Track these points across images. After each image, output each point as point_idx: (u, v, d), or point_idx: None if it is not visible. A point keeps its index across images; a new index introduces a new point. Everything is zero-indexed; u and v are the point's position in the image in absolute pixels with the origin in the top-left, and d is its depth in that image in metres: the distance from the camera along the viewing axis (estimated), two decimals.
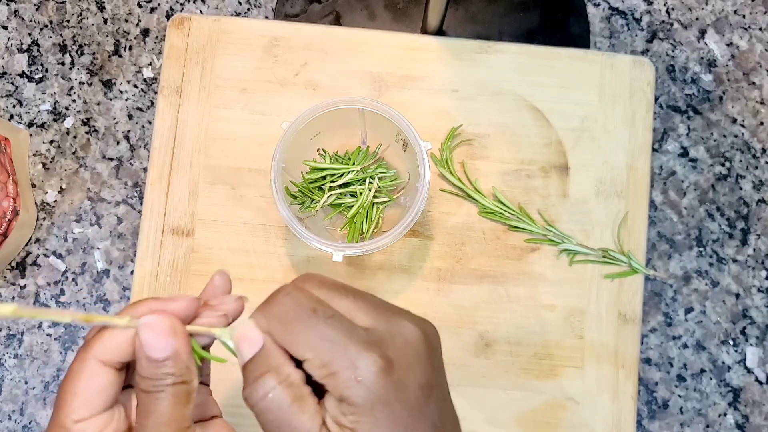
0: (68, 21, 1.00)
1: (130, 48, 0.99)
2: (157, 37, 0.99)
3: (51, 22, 0.99)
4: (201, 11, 1.00)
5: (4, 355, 0.92)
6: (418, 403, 0.32)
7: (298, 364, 0.32)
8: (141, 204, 0.92)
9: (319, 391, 0.32)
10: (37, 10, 1.00)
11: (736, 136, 0.90)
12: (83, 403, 0.32)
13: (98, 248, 0.94)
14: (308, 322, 0.32)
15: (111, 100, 0.98)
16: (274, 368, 0.32)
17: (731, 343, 0.84)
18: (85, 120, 0.98)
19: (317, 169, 0.55)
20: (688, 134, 0.91)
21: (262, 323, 0.33)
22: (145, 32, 1.00)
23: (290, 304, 0.32)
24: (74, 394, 0.32)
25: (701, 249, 0.87)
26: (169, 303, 0.34)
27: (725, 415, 0.83)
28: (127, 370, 0.35)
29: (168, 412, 0.32)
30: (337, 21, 0.97)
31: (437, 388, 0.33)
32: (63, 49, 0.99)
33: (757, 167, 0.89)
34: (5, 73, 0.99)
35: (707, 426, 0.82)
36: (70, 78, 0.99)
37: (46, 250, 0.94)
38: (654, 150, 0.91)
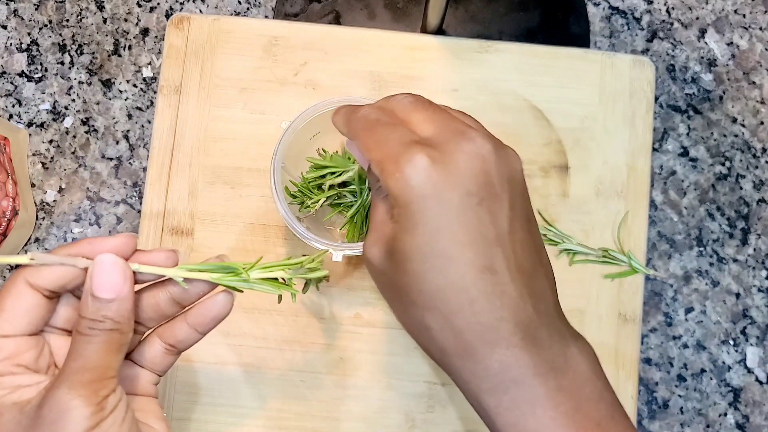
0: (67, 20, 1.00)
1: (130, 47, 0.99)
2: (156, 37, 0.99)
3: (50, 22, 0.99)
4: (200, 10, 1.00)
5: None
6: (461, 207, 0.32)
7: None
8: (140, 204, 0.92)
9: None
10: (36, 9, 0.99)
11: (736, 136, 0.90)
12: (7, 319, 0.33)
13: None
14: (371, 129, 0.34)
15: (110, 99, 0.98)
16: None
17: (731, 342, 0.84)
18: (85, 119, 0.98)
19: (317, 167, 0.55)
20: (688, 134, 0.91)
21: (342, 126, 0.38)
22: (145, 32, 1.00)
23: (363, 114, 0.36)
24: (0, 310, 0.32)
25: (701, 249, 0.87)
26: (106, 241, 0.34)
27: (725, 415, 0.83)
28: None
29: (96, 357, 0.32)
30: (337, 20, 0.97)
31: (490, 200, 0.32)
32: (62, 48, 0.99)
33: (757, 167, 0.89)
34: (4, 72, 0.99)
35: (707, 426, 0.82)
36: (69, 77, 0.99)
37: (46, 249, 0.94)
38: (654, 150, 0.91)
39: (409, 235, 0.32)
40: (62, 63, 1.00)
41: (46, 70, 1.00)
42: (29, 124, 0.98)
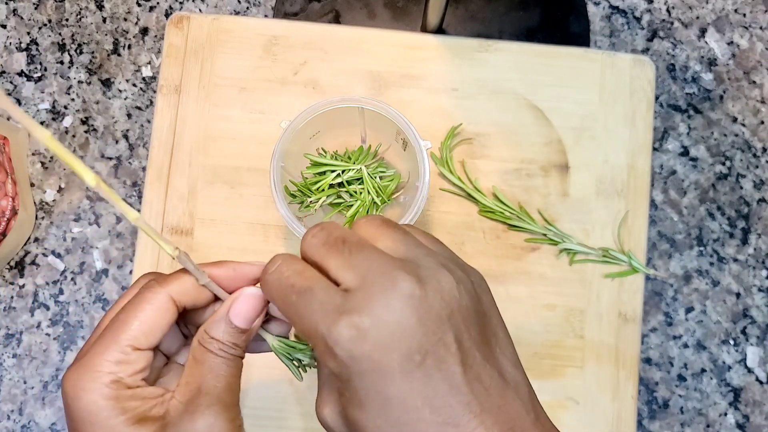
0: (67, 20, 0.99)
1: (129, 47, 0.99)
2: (156, 36, 0.99)
3: (50, 21, 0.99)
4: (200, 10, 0.99)
5: (2, 354, 0.92)
6: (407, 367, 0.29)
7: None
8: (140, 203, 0.92)
9: None
10: (35, 8, 0.99)
11: (736, 135, 0.90)
12: (145, 332, 0.32)
13: (97, 248, 0.93)
14: (288, 298, 0.31)
15: (110, 99, 0.98)
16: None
17: (732, 342, 0.84)
18: (84, 119, 0.98)
19: (317, 164, 0.54)
20: (688, 133, 0.91)
21: (265, 292, 0.34)
22: (144, 31, 1.00)
23: (275, 278, 0.32)
24: (138, 321, 0.32)
25: (702, 248, 0.87)
26: (248, 267, 0.35)
27: (726, 414, 0.83)
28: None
29: (233, 380, 0.33)
30: (337, 19, 0.97)
31: (434, 349, 0.29)
32: (62, 48, 0.99)
33: (757, 166, 0.89)
34: (4, 72, 0.99)
35: (708, 426, 0.82)
36: (68, 77, 0.98)
37: (45, 249, 0.94)
38: (654, 149, 0.90)
39: (360, 410, 0.29)
40: (62, 62, 1.00)
41: (45, 69, 1.00)
42: None
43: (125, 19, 0.99)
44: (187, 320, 0.36)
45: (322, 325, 0.29)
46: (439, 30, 0.83)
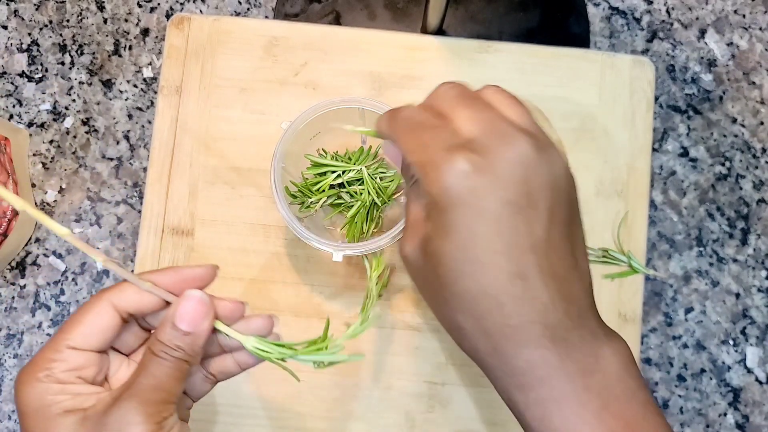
0: (68, 21, 1.00)
1: (130, 48, 0.99)
2: (156, 37, 0.99)
3: (51, 22, 0.99)
4: (201, 11, 1.00)
5: (3, 355, 0.92)
6: (498, 215, 0.32)
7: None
8: (141, 204, 0.92)
9: None
10: (36, 9, 0.99)
11: (736, 136, 0.90)
12: (82, 334, 0.34)
13: (98, 248, 0.94)
14: (414, 131, 0.34)
15: (111, 99, 0.98)
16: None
17: (731, 342, 0.84)
18: (85, 120, 0.98)
19: (318, 164, 0.55)
20: (688, 134, 0.91)
21: (385, 128, 0.37)
22: (145, 32, 1.00)
23: (406, 115, 0.35)
24: (78, 323, 0.34)
25: (701, 249, 0.87)
26: (189, 269, 0.37)
27: (725, 415, 0.83)
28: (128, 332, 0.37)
29: (165, 379, 0.34)
30: (337, 21, 0.97)
31: (528, 208, 0.32)
32: (63, 48, 0.99)
33: (757, 167, 0.89)
34: (5, 72, 0.99)
35: (707, 426, 0.82)
36: (69, 78, 0.99)
37: (46, 249, 0.94)
38: (654, 150, 0.91)
39: (443, 240, 0.32)
40: (63, 63, 1.00)
41: (46, 70, 1.00)
42: (30, 125, 0.98)
43: (126, 20, 0.99)
44: (145, 325, 0.38)
45: (444, 153, 0.32)
46: (439, 31, 0.83)
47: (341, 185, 0.55)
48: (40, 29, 0.99)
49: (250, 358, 0.39)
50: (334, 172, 0.54)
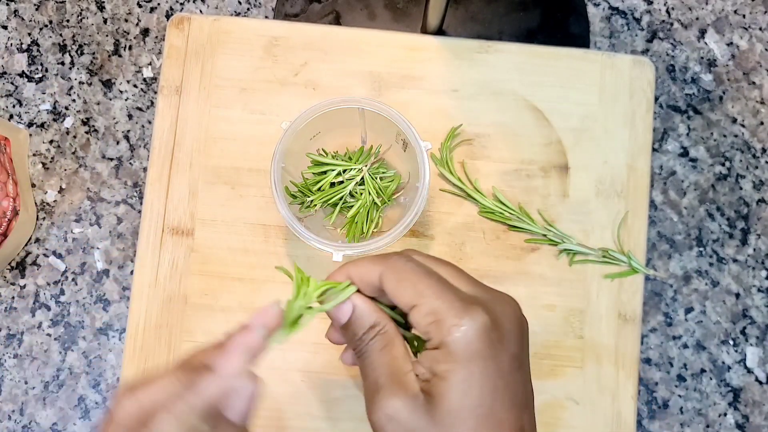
0: (68, 21, 1.00)
1: (130, 48, 0.99)
2: (156, 37, 0.99)
3: (51, 22, 0.99)
4: (201, 11, 1.00)
5: (3, 355, 0.92)
6: (510, 370, 0.33)
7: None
8: (141, 204, 0.92)
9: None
10: (36, 9, 0.99)
11: (736, 136, 0.90)
12: None
13: (98, 248, 0.94)
14: (420, 276, 0.34)
15: (111, 99, 0.98)
16: (374, 322, 0.36)
17: (731, 343, 0.84)
18: (85, 120, 0.98)
19: (318, 163, 0.55)
20: (688, 134, 0.91)
21: (375, 272, 0.35)
22: (145, 32, 1.00)
23: (403, 262, 0.35)
24: None
25: (701, 249, 0.87)
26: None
27: (725, 415, 0.83)
28: None
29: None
30: (337, 21, 0.97)
31: (524, 363, 0.34)
32: (63, 48, 0.99)
33: (757, 167, 0.89)
34: (5, 72, 0.99)
35: (707, 426, 0.82)
36: (69, 78, 0.99)
37: (46, 249, 0.94)
38: (654, 150, 0.91)
39: (463, 395, 0.31)
40: (63, 63, 1.00)
41: (46, 70, 1.00)
42: (30, 125, 0.98)
43: (126, 20, 0.99)
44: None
45: (462, 303, 0.32)
46: (440, 31, 0.83)
47: (341, 183, 0.55)
48: (40, 29, 0.99)
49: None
50: (334, 170, 0.54)
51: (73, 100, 0.98)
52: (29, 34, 0.99)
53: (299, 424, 0.57)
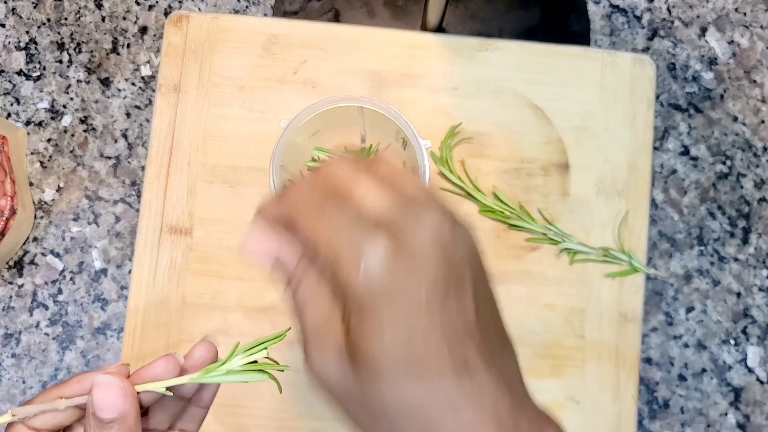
0: (66, 19, 0.99)
1: (128, 46, 0.99)
2: (155, 35, 0.99)
3: (49, 20, 0.99)
4: (199, 9, 0.99)
5: (1, 354, 0.91)
6: (432, 299, 0.28)
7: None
8: (139, 203, 0.92)
9: None
10: (34, 7, 0.99)
11: (737, 135, 0.90)
12: None
13: (96, 247, 0.93)
14: (314, 210, 0.29)
15: (109, 98, 0.98)
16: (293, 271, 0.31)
17: (732, 342, 0.84)
18: (83, 118, 0.97)
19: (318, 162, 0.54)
20: (689, 132, 0.90)
21: (272, 212, 0.31)
22: (143, 30, 1.00)
23: (303, 193, 0.31)
24: None
25: (702, 248, 0.87)
26: (95, 375, 0.34)
27: (726, 414, 0.83)
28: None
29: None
30: (336, 18, 0.97)
31: (455, 288, 0.29)
32: (61, 47, 0.99)
33: (758, 165, 0.89)
34: (2, 71, 0.99)
35: (708, 426, 0.82)
36: (67, 76, 0.98)
37: (44, 248, 0.94)
38: (655, 148, 0.90)
39: (376, 339, 0.28)
40: (60, 61, 1.00)
41: (44, 68, 0.99)
42: (27, 123, 0.97)
43: (124, 18, 0.99)
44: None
45: (359, 235, 0.28)
46: (439, 29, 0.83)
47: None
48: (38, 27, 0.99)
49: (206, 392, 0.37)
50: None
51: (71, 99, 0.97)
52: (27, 32, 0.99)
53: (299, 424, 0.56)
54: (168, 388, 0.34)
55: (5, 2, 0.99)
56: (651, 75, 0.61)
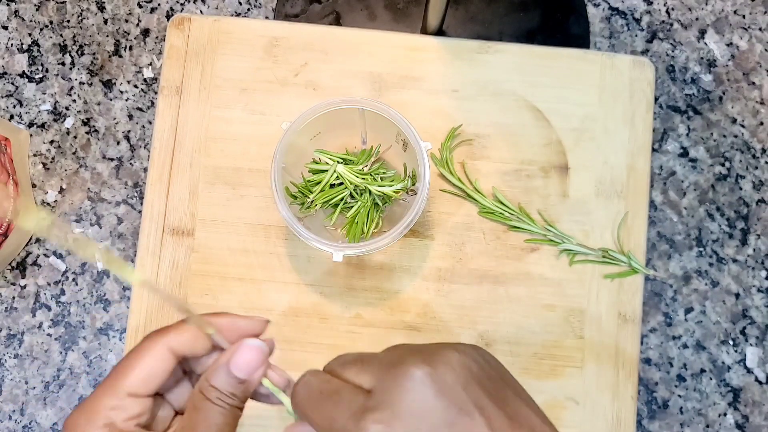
0: (68, 21, 1.00)
1: (131, 48, 0.99)
2: (157, 38, 0.99)
3: (51, 23, 0.99)
4: (201, 11, 1.00)
5: (4, 355, 0.92)
6: (447, 421, 0.29)
7: None
8: (141, 204, 0.92)
9: None
10: (37, 10, 1.00)
11: (736, 136, 0.90)
12: (142, 380, 0.34)
13: (99, 248, 0.94)
14: (317, 403, 0.33)
15: (111, 100, 0.98)
16: None
17: (731, 343, 0.84)
18: (86, 120, 0.98)
19: (315, 171, 0.55)
20: (688, 134, 0.91)
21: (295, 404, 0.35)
22: (146, 32, 1.00)
23: (304, 390, 0.34)
24: (137, 369, 0.34)
25: (701, 249, 0.87)
26: (245, 321, 0.36)
27: (725, 415, 0.83)
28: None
29: (222, 426, 0.34)
30: (338, 21, 0.97)
31: (464, 419, 0.30)
32: (63, 49, 0.99)
33: (756, 167, 0.89)
34: (5, 73, 0.99)
35: (707, 426, 0.82)
36: (70, 78, 0.99)
37: (47, 250, 0.94)
38: (654, 150, 0.91)
39: None
40: (63, 64, 1.00)
41: (47, 70, 1.00)
42: (30, 125, 0.98)
43: (126, 21, 0.99)
44: (186, 367, 0.38)
45: (350, 424, 0.30)
46: (440, 31, 0.83)
47: (341, 185, 0.55)
48: (41, 30, 0.99)
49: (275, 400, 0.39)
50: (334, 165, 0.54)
51: (74, 101, 0.98)
52: (30, 35, 0.99)
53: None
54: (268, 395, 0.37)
55: (8, 4, 0.99)
56: (650, 77, 0.61)
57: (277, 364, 0.53)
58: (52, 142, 0.97)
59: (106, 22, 1.00)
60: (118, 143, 0.97)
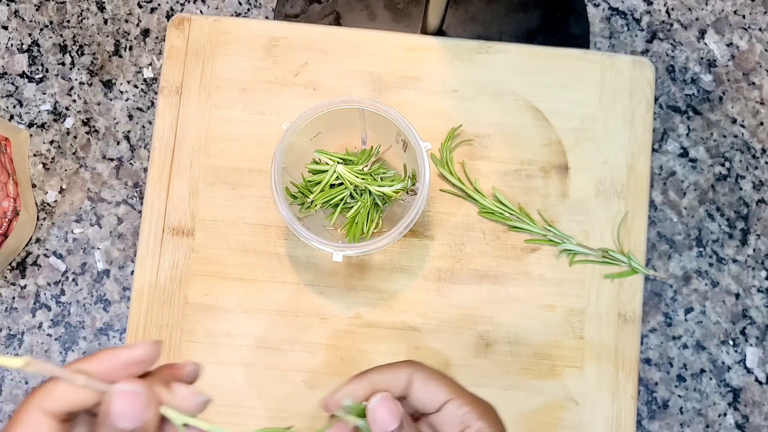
0: (68, 21, 1.00)
1: (131, 48, 0.99)
2: (157, 38, 0.99)
3: (51, 23, 0.99)
4: (201, 11, 1.00)
5: (4, 355, 0.92)
6: None
7: None
8: (141, 204, 0.92)
9: None
10: (37, 10, 1.00)
11: (735, 137, 0.90)
12: None
13: (98, 248, 0.94)
14: (445, 377, 0.40)
15: (111, 100, 0.98)
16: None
17: (731, 343, 0.84)
18: (86, 120, 0.98)
19: (315, 172, 0.55)
20: (687, 134, 0.91)
21: (404, 375, 0.40)
22: (146, 32, 1.00)
23: (426, 366, 0.40)
24: None
25: (701, 249, 0.87)
26: (125, 352, 0.32)
27: (725, 415, 0.83)
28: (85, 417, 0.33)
29: None
30: (337, 21, 0.97)
31: None
32: (63, 49, 0.99)
33: (756, 167, 0.89)
34: (5, 73, 0.99)
35: (707, 426, 0.82)
36: (70, 78, 0.99)
37: (47, 250, 0.94)
38: (654, 150, 0.91)
39: None
40: (63, 64, 1.00)
41: (47, 70, 1.00)
42: (30, 125, 0.98)
43: (126, 21, 0.99)
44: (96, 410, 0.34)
45: (477, 405, 0.38)
46: (440, 32, 0.83)
47: (341, 185, 0.55)
48: (41, 30, 0.99)
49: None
50: (334, 165, 0.54)
51: (74, 101, 0.98)
52: (30, 35, 0.99)
53: (299, 424, 0.57)
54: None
55: (8, 5, 0.99)
56: (650, 77, 0.61)
57: (279, 364, 0.53)
58: (52, 142, 0.97)
59: (106, 22, 1.00)
60: (118, 143, 0.97)
